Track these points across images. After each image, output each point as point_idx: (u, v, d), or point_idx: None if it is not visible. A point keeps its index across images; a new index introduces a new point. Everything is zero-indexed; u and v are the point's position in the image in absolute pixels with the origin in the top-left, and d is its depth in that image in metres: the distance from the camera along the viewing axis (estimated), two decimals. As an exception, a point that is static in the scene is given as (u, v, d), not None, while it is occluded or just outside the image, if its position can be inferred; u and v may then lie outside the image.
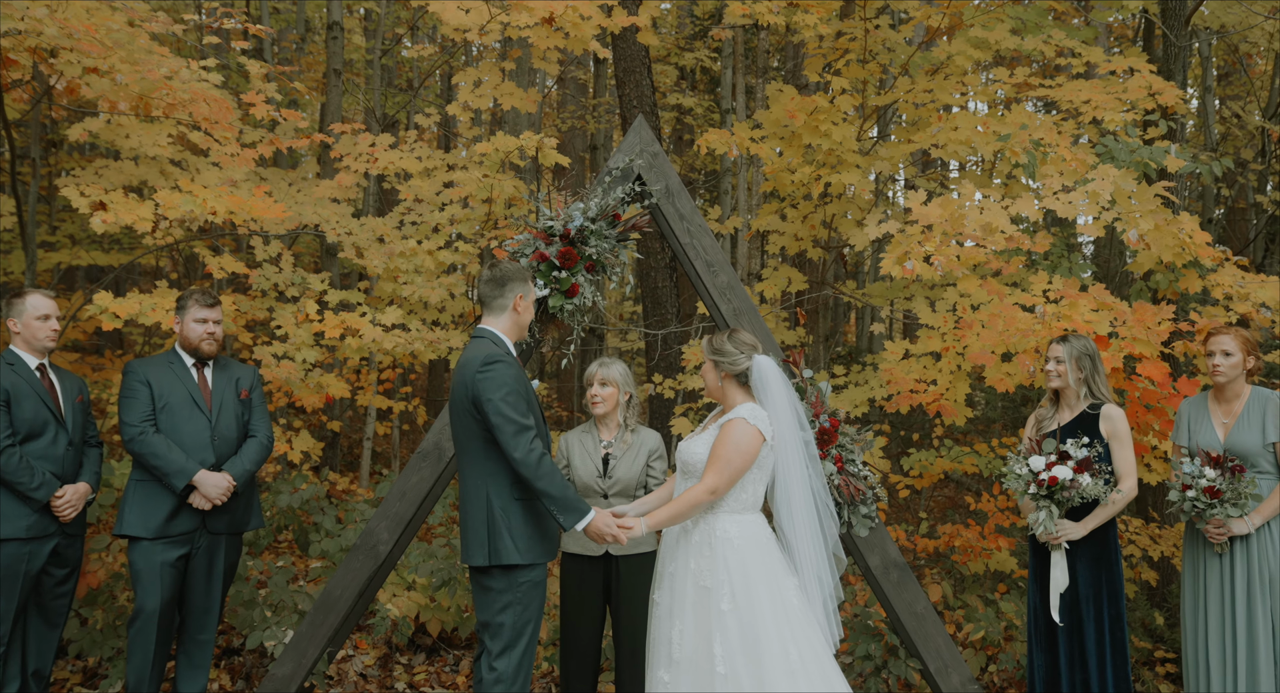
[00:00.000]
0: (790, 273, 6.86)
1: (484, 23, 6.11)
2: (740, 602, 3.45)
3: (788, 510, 3.64)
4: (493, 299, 3.64)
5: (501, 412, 3.37)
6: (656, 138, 5.68)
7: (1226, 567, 4.09)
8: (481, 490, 3.48)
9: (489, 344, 3.55)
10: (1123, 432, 4.09)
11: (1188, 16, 6.59)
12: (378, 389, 8.47)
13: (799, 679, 3.37)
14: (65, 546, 4.26)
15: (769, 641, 3.40)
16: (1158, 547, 5.65)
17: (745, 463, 3.56)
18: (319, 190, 6.45)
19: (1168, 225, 4.89)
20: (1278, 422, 4.08)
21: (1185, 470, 4.09)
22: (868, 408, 6.32)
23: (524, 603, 3.47)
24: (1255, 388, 4.20)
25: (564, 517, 3.41)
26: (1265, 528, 4.05)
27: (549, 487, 3.38)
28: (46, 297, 4.30)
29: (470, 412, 3.47)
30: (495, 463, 3.46)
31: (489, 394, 3.39)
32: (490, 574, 3.49)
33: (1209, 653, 4.10)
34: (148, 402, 4.19)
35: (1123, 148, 5.34)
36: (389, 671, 5.37)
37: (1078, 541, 4.07)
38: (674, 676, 3.51)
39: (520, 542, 3.44)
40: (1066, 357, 4.16)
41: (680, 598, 3.56)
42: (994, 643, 5.30)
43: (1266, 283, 5.32)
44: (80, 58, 5.04)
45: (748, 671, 3.38)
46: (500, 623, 3.45)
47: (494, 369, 3.43)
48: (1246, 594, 4.03)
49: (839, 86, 6.22)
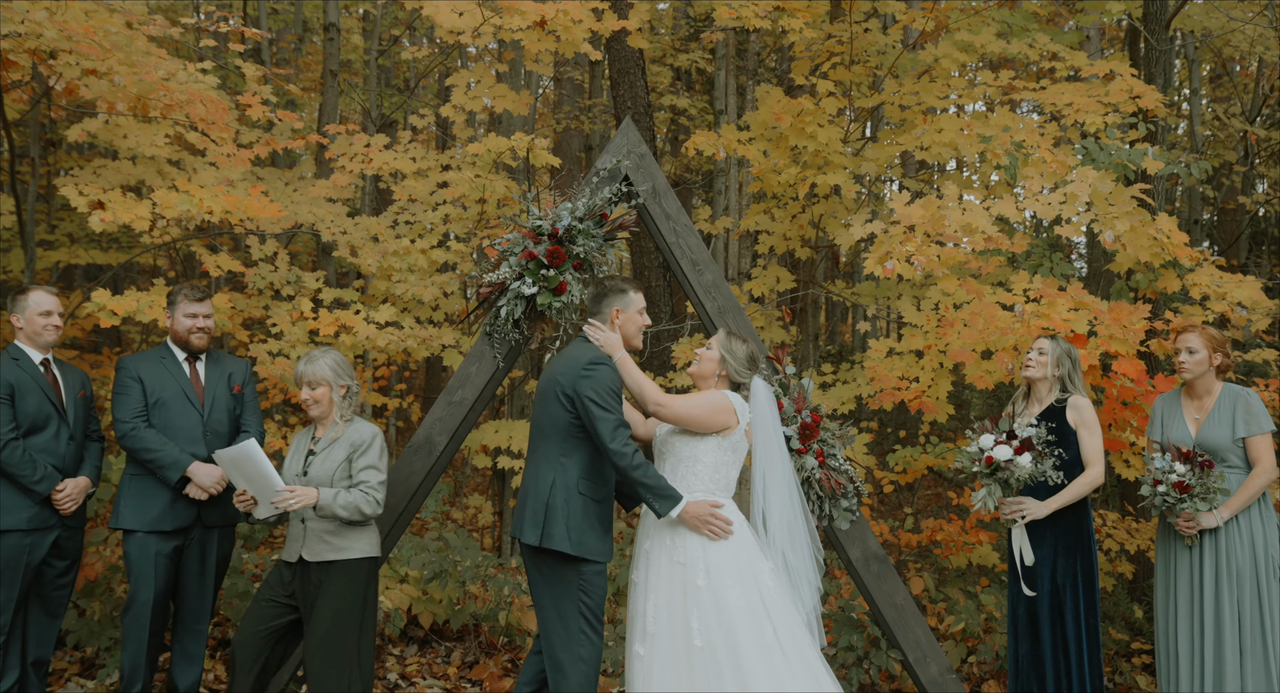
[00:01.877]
0: (779, 272, 6.96)
1: (477, 25, 6.21)
2: (715, 579, 3.58)
3: (763, 498, 3.86)
4: (593, 312, 3.94)
5: (605, 408, 3.61)
6: (647, 139, 5.78)
7: (1196, 561, 4.20)
8: (549, 476, 3.69)
9: (598, 350, 3.80)
10: (1090, 420, 4.22)
11: (1168, 21, 6.69)
12: (373, 386, 8.56)
13: (774, 655, 3.49)
14: (66, 538, 4.34)
15: (742, 616, 3.54)
16: (1135, 540, 5.76)
17: (706, 417, 3.73)
18: (315, 190, 6.55)
19: (1143, 226, 5.00)
20: (1246, 418, 4.20)
21: (1156, 466, 4.21)
22: (855, 405, 6.43)
23: (585, 591, 3.64)
24: (1227, 385, 4.32)
25: (659, 504, 3.60)
26: (1234, 523, 4.16)
27: (643, 477, 3.59)
28: (49, 293, 4.39)
29: (562, 402, 3.69)
30: (569, 456, 3.69)
31: (591, 391, 3.63)
32: (544, 557, 3.66)
33: (1179, 645, 4.21)
34: (140, 397, 4.28)
35: (1103, 150, 5.45)
36: (381, 662, 5.47)
37: (1055, 530, 4.19)
38: (648, 649, 3.64)
39: (574, 533, 3.61)
40: (1050, 351, 4.32)
41: (655, 574, 3.70)
42: (974, 635, 5.41)
43: (1244, 282, 5.44)
44: (79, 59, 5.13)
45: (724, 643, 3.51)
46: (542, 605, 3.65)
47: (599, 370, 3.69)
48: (1215, 588, 4.14)
49: (825, 89, 6.32)
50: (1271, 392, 5.48)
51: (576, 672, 3.59)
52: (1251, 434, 4.17)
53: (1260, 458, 4.15)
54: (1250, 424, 4.18)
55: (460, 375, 4.47)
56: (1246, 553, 4.13)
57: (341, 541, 3.80)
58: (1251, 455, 4.17)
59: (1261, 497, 4.19)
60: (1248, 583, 4.09)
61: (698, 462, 3.74)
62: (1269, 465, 4.14)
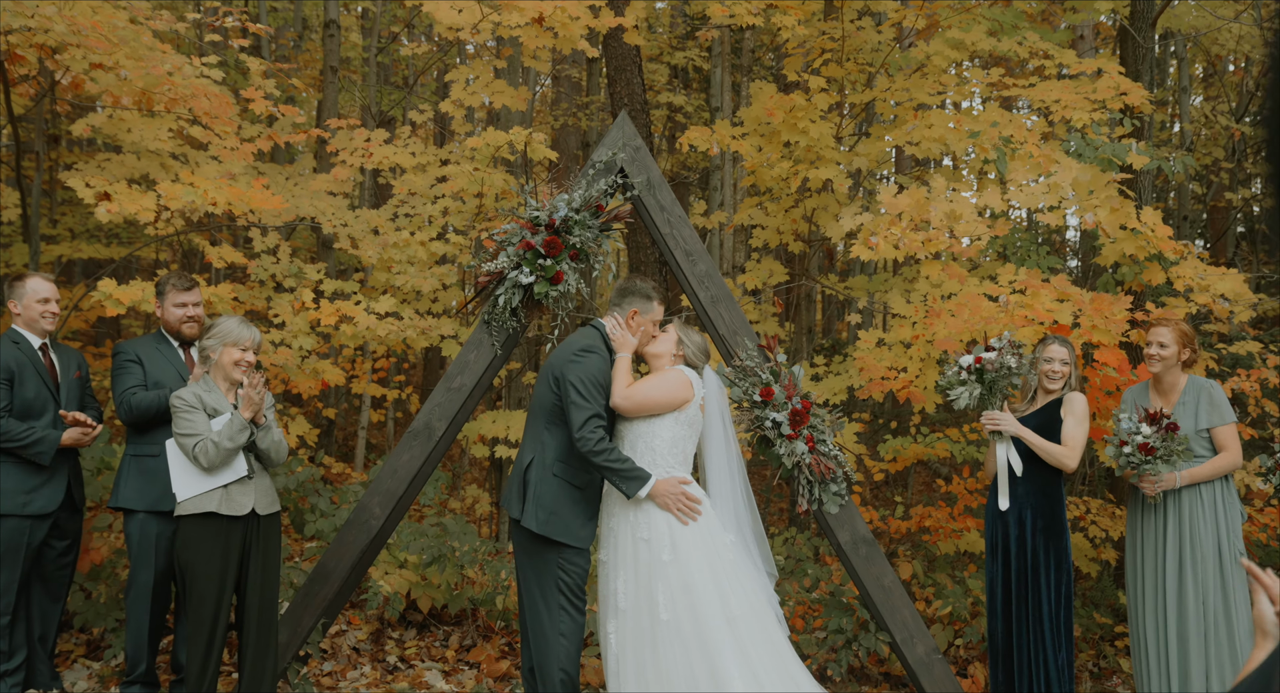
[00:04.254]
0: (772, 265, 7.07)
1: (476, 22, 6.32)
2: (680, 553, 3.69)
3: (716, 476, 4.00)
4: (615, 303, 4.06)
5: (583, 395, 3.73)
6: (643, 135, 5.87)
7: (1160, 536, 4.32)
8: (529, 454, 3.85)
9: (596, 339, 3.93)
10: (1079, 412, 4.37)
11: (1154, 19, 6.81)
12: (372, 377, 8.67)
13: (739, 626, 3.61)
14: (65, 519, 4.43)
15: (706, 590, 3.64)
16: (1118, 526, 5.88)
17: (667, 398, 3.83)
18: (315, 183, 6.66)
19: (1121, 209, 5.12)
20: (1209, 409, 4.34)
21: (1123, 427, 4.35)
22: (846, 396, 6.54)
23: (564, 569, 3.77)
24: (1193, 377, 4.47)
25: (628, 486, 3.71)
26: (1199, 501, 4.27)
27: (608, 462, 3.70)
28: (46, 280, 4.47)
29: (550, 384, 3.84)
30: (549, 436, 3.83)
31: (574, 377, 3.75)
32: (523, 532, 3.80)
33: (1145, 625, 4.34)
34: (140, 376, 4.34)
35: (1089, 145, 5.57)
36: (381, 645, 5.58)
37: (1031, 511, 4.31)
38: (619, 625, 3.76)
39: (542, 513, 3.74)
40: (1071, 359, 4.47)
41: (622, 552, 3.81)
42: (962, 618, 5.53)
43: (1226, 275, 5.55)
44: (86, 53, 5.24)
45: (689, 617, 3.62)
46: (525, 578, 3.81)
47: (588, 358, 3.82)
48: (1178, 567, 4.26)
49: (817, 85, 6.43)
50: (1252, 381, 5.60)
51: (558, 645, 3.71)
52: (1214, 425, 4.32)
53: (1226, 446, 4.30)
54: (1213, 415, 4.33)
55: (459, 362, 4.58)
56: (1210, 533, 4.24)
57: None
58: (1218, 445, 4.32)
59: (1225, 483, 4.32)
60: (1211, 566, 4.20)
61: (655, 437, 3.83)
62: (1235, 451, 4.30)
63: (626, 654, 3.71)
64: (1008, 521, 4.39)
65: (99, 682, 4.81)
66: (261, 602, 4.02)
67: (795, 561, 6.01)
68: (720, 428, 4.06)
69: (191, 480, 3.91)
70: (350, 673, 5.17)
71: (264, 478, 4.08)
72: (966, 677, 5.42)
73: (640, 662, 3.66)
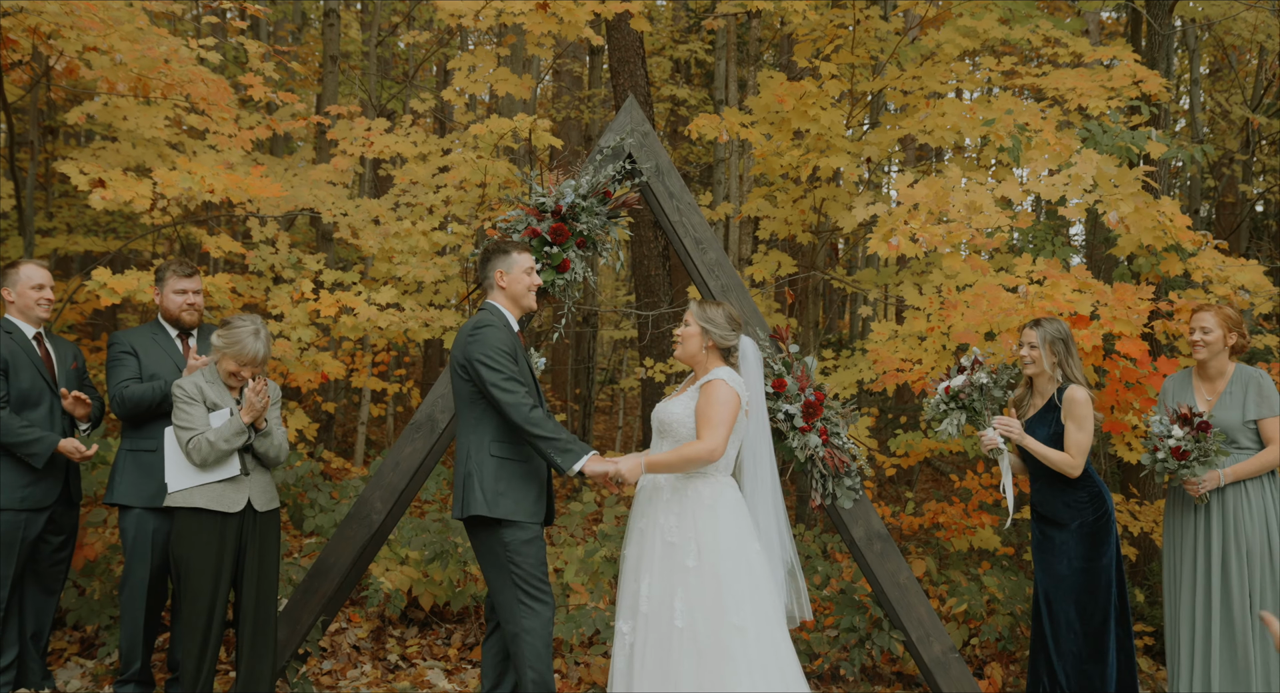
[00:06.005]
0: (780, 257, 6.95)
1: (479, 8, 6.19)
2: (705, 560, 3.57)
3: (754, 476, 3.85)
4: (482, 278, 3.88)
5: (489, 365, 3.58)
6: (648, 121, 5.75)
7: (1203, 533, 4.17)
8: (464, 446, 3.68)
9: (486, 315, 3.77)
10: (1079, 414, 4.07)
11: (1171, 5, 6.69)
12: (372, 371, 8.55)
13: (750, 638, 3.50)
14: (61, 513, 4.34)
15: (728, 599, 3.53)
16: (1137, 523, 5.76)
17: (732, 421, 3.69)
18: (315, 173, 6.53)
19: (1148, 207, 4.99)
20: (1258, 400, 4.16)
21: (1154, 430, 4.18)
22: (855, 390, 6.43)
23: (514, 561, 3.60)
24: (1240, 365, 4.27)
25: (561, 458, 3.53)
26: (1245, 497, 4.11)
27: (538, 428, 3.53)
28: (40, 266, 4.36)
29: (459, 373, 3.69)
30: (477, 421, 3.67)
31: (477, 352, 3.61)
32: (474, 530, 3.67)
33: (1180, 626, 4.19)
34: (135, 368, 4.24)
35: (1106, 133, 5.45)
36: (381, 643, 5.45)
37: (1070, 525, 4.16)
38: (634, 627, 3.64)
39: (488, 494, 3.58)
40: (1040, 341, 4.15)
41: (649, 553, 3.68)
42: (977, 617, 5.41)
43: (1246, 266, 5.42)
44: (80, 35, 5.10)
45: (705, 626, 3.51)
46: (487, 576, 3.64)
47: (482, 332, 3.66)
48: (1223, 562, 4.09)
49: (828, 71, 6.31)
50: (1274, 374, 5.47)
51: (523, 644, 3.56)
52: (1263, 417, 4.14)
53: (1273, 439, 4.11)
54: (1262, 407, 4.14)
55: (463, 353, 4.45)
56: (1258, 528, 4.08)
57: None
58: (1265, 437, 4.14)
59: (1272, 478, 4.16)
60: (1257, 562, 4.05)
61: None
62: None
63: (637, 659, 3.60)
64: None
65: (93, 680, 4.69)
66: (259, 599, 3.91)
67: (804, 557, 5.89)
68: (760, 402, 3.94)
69: (184, 473, 3.82)
70: (350, 672, 5.06)
71: (263, 474, 3.98)
72: (983, 677, 5.30)
73: (652, 667, 3.55)
